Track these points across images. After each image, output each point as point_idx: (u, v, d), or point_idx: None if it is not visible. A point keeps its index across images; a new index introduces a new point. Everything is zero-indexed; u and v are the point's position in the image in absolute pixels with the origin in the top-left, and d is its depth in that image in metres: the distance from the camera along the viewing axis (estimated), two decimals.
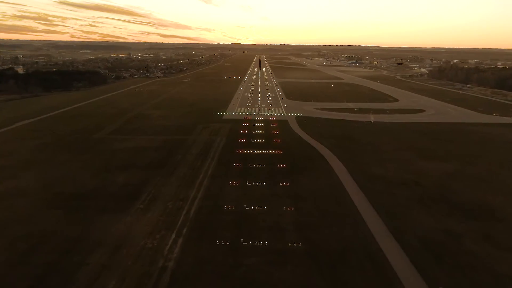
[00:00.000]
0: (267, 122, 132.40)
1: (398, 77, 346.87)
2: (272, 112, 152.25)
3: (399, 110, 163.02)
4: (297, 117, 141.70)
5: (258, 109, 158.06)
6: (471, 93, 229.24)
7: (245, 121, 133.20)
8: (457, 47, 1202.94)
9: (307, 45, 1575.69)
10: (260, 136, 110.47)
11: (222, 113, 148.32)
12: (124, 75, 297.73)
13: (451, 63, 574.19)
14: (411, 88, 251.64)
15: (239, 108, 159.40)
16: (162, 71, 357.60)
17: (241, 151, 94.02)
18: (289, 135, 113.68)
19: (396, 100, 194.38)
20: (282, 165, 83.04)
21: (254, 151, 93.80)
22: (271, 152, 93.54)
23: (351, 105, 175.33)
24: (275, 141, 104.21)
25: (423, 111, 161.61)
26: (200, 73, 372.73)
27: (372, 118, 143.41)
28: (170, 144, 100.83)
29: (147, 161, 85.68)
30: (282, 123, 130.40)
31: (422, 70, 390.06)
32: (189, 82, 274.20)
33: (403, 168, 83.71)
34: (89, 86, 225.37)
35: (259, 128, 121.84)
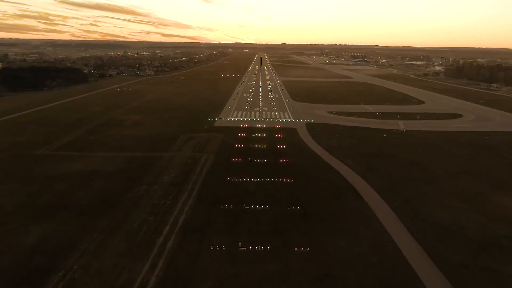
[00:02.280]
0: (270, 131, 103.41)
1: (412, 76, 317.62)
2: (276, 118, 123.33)
3: (430, 114, 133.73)
4: (307, 124, 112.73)
5: (259, 114, 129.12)
6: (504, 94, 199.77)
7: (242, 130, 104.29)
8: (460, 46, 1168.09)
9: (308, 44, 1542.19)
10: (261, 152, 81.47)
11: (214, 118, 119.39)
12: (111, 73, 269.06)
13: (461, 61, 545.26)
14: (432, 88, 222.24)
15: (235, 112, 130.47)
16: (155, 69, 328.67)
17: (234, 178, 65.12)
18: (300, 150, 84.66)
19: (421, 102, 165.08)
20: (295, 206, 54.20)
21: (253, 179, 64.87)
22: (277, 180, 64.65)
23: (370, 108, 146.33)
24: (282, 162, 75.26)
25: (460, 116, 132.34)
26: (196, 71, 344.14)
27: (401, 125, 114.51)
28: (136, 165, 72.10)
29: (90, 197, 56.91)
30: (290, 133, 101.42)
31: (437, 68, 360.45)
32: (182, 81, 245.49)
33: (479, 209, 54.82)
34: (66, 85, 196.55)
35: (260, 140, 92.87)
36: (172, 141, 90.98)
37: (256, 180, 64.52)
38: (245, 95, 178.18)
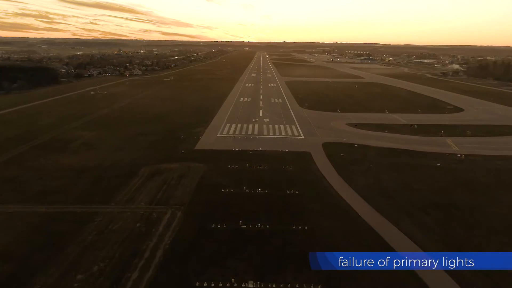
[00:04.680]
0: (274, 159, 72.11)
1: (429, 75, 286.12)
2: (280, 133, 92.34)
3: (482, 128, 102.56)
4: (325, 145, 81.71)
5: (258, 128, 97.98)
6: None
7: (234, 156, 73.10)
8: (462, 44, 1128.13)
9: (308, 43, 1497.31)
10: (260, 207, 50.36)
11: (198, 136, 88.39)
12: (91, 73, 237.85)
13: (471, 59, 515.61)
14: (460, 89, 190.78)
15: (227, 126, 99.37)
16: (144, 67, 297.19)
17: (210, 282, 34.14)
18: (323, 200, 53.47)
19: (459, 109, 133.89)
20: None
21: (247, 284, 33.94)
22: (292, 287, 33.71)
23: (399, 117, 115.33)
24: (296, 229, 44.26)
25: None
26: (190, 70, 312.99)
27: (453, 145, 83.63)
28: (42, 240, 41.39)
29: None
30: (303, 162, 70.29)
31: (455, 66, 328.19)
32: (171, 81, 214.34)
33: None
34: (30, 87, 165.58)
35: (259, 177, 61.67)
36: (126, 178, 60.04)
37: (251, 287, 33.56)
38: (241, 100, 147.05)
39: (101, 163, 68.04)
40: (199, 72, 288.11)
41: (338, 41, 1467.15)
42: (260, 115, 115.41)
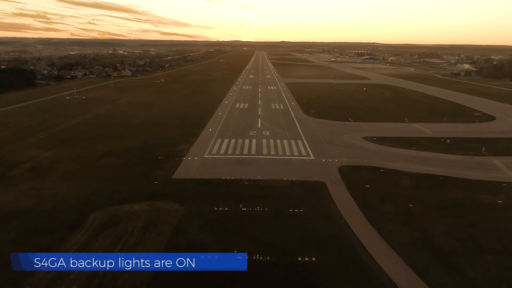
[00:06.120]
0: (276, 195, 53.49)
1: (439, 76, 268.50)
2: (284, 152, 73.78)
3: None
4: (343, 171, 63.22)
5: (256, 144, 79.36)
6: None
7: (223, 190, 54.47)
8: (460, 44, 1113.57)
9: (307, 42, 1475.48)
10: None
11: (180, 157, 69.74)
12: (75, 74, 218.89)
13: (475, 58, 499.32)
14: (480, 92, 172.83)
15: (218, 142, 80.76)
16: (135, 68, 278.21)
17: None
18: (354, 278, 35.03)
19: (490, 116, 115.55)
20: None
21: None
22: None
23: (424, 129, 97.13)
24: None
25: None
26: (185, 70, 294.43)
27: (507, 171, 65.36)
28: None
29: None
30: (316, 200, 51.77)
31: (466, 66, 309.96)
32: (161, 84, 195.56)
33: None
34: (0, 90, 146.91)
35: (256, 228, 43.19)
36: (65, 231, 41.56)
37: None
38: (237, 105, 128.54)
39: (41, 202, 49.53)
40: (193, 73, 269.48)
41: (338, 41, 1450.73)
42: (259, 126, 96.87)
